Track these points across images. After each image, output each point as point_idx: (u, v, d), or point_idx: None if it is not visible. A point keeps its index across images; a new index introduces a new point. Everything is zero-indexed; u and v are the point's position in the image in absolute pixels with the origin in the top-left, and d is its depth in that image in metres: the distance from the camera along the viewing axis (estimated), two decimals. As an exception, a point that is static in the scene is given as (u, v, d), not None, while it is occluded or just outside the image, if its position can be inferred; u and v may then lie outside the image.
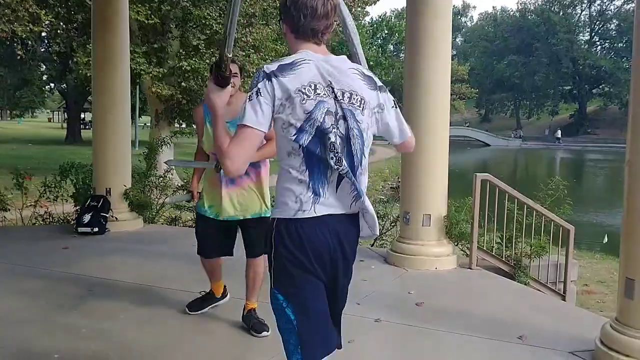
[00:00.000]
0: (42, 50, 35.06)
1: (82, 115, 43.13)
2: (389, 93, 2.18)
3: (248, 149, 1.99)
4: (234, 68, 3.53)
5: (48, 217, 7.90)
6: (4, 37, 18.24)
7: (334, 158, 2.00)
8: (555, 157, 47.25)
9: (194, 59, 18.78)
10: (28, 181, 7.82)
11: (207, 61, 19.10)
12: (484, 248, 5.73)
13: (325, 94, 2.00)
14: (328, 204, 2.04)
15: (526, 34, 73.48)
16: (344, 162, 2.01)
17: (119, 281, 4.85)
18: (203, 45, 19.29)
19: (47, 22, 18.81)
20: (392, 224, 7.36)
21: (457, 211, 5.74)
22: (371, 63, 47.19)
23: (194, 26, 19.70)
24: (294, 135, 1.97)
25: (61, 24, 19.78)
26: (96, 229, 6.66)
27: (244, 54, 20.67)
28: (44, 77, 41.85)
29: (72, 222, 7.25)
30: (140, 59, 17.56)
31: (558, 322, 4.20)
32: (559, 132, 63.82)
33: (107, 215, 6.83)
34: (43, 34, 22.58)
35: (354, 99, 2.05)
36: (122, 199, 7.09)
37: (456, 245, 5.88)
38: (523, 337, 3.79)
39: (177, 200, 7.36)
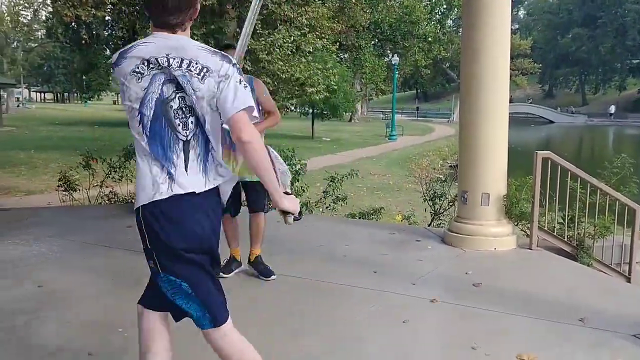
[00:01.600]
0: (106, 34, 36.10)
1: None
2: (239, 70, 2.18)
3: None
4: (231, 53, 4.01)
5: (113, 196, 8.18)
6: (69, 21, 18.81)
7: (180, 124, 2.11)
8: (621, 134, 45.32)
9: (250, 39, 18.91)
10: (94, 162, 8.10)
11: (263, 42, 19.18)
12: (545, 228, 5.58)
13: (160, 66, 2.09)
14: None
15: (591, 6, 70.38)
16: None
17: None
18: (260, 25, 19.36)
19: (109, 6, 19.31)
20: (450, 204, 7.27)
21: (518, 190, 5.60)
22: (429, 39, 46.29)
23: (251, 7, 19.78)
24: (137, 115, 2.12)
25: (123, 7, 20.23)
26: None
27: (299, 33, 20.65)
28: (108, 61, 43.08)
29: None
30: (199, 40, 17.81)
31: (621, 304, 4.07)
32: (612, 107, 61.32)
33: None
34: (106, 18, 23.20)
35: (193, 66, 2.09)
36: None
37: (516, 225, 5.75)
38: (584, 319, 3.69)
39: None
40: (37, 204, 8.96)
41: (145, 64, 2.09)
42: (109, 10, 19.56)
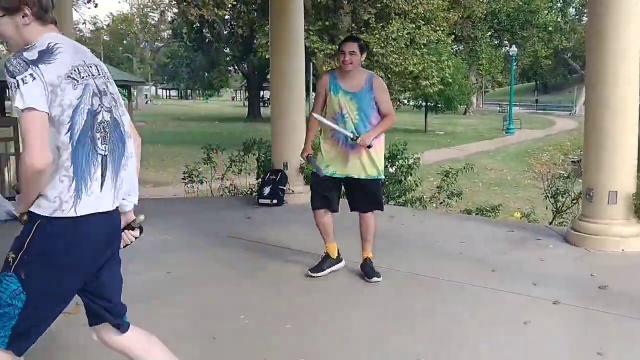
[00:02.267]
0: (226, 33, 37.59)
1: (262, 94, 45.66)
2: None
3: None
4: (352, 47, 4.03)
5: (233, 189, 8.55)
6: (193, 21, 19.77)
7: (100, 138, 2.02)
8: None
9: (364, 34, 18.91)
10: (216, 156, 8.51)
11: (377, 35, 19.16)
12: (682, 229, 5.16)
13: (87, 75, 2.00)
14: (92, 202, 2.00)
15: None
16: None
17: (295, 250, 5.13)
18: (374, 19, 19.35)
19: (229, 5, 20.07)
20: (574, 201, 6.91)
21: (649, 188, 5.22)
22: (550, 29, 44.04)
23: (365, 1, 19.80)
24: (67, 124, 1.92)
25: (242, 6, 20.96)
26: (275, 201, 7.09)
27: (414, 25, 20.41)
28: (228, 59, 44.85)
29: (254, 194, 7.78)
30: (314, 36, 18.08)
31: None
32: None
33: (285, 188, 7.22)
34: (226, 17, 24.23)
35: (102, 71, 2.10)
36: (298, 173, 7.45)
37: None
38: None
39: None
40: (164, 195, 9.55)
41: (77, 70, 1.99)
42: (229, 9, 20.32)
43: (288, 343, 3.31)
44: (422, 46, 21.51)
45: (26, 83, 1.84)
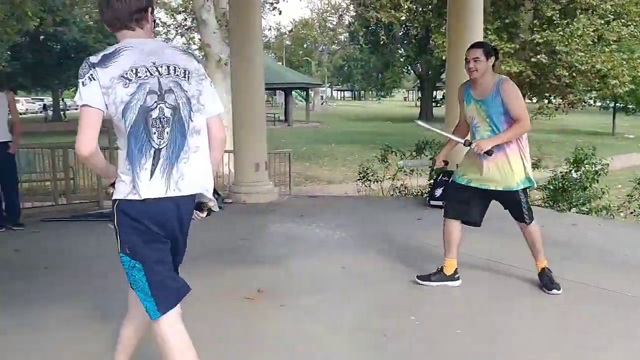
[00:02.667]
0: (401, 34, 37.80)
1: (434, 94, 45.18)
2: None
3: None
4: (476, 53, 3.88)
5: (404, 189, 8.60)
6: (370, 23, 20.13)
7: (156, 133, 2.22)
8: None
9: (546, 31, 17.91)
10: (391, 157, 8.62)
11: (560, 32, 18.03)
12: None
13: (147, 75, 2.21)
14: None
15: None
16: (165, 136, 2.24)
17: (467, 254, 5.00)
18: (558, 15, 18.26)
19: (406, 7, 20.17)
20: None
21: None
22: None
23: (552, -4, 18.73)
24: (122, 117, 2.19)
25: (418, 7, 20.96)
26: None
27: (602, 21, 18.92)
28: (402, 60, 45.02)
29: (425, 195, 7.75)
30: (492, 35, 17.51)
31: None
32: None
33: (457, 191, 7.09)
34: (402, 18, 24.35)
35: (176, 70, 2.28)
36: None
37: None
38: None
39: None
40: (337, 193, 9.88)
41: (134, 71, 2.22)
42: (405, 10, 20.41)
43: (460, 348, 3.26)
44: (612, 43, 19.84)
45: (85, 85, 2.18)
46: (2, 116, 6.08)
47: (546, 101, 21.30)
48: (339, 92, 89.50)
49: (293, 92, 38.35)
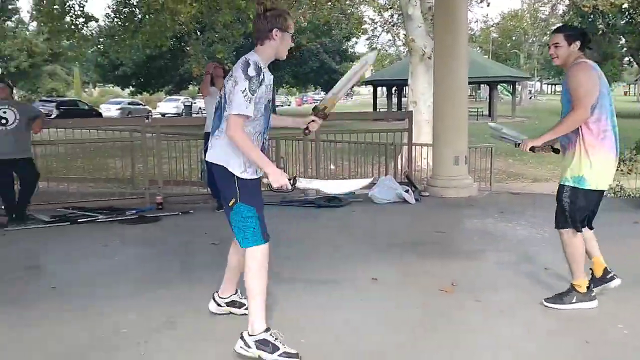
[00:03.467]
0: (623, 23, 34.41)
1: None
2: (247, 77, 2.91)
3: None
4: (556, 38, 3.59)
5: (619, 190, 7.90)
6: (587, 12, 18.66)
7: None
8: None
9: None
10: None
11: None
12: None
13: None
14: None
15: None
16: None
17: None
18: None
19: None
20: None
21: None
22: None
23: None
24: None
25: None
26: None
27: None
28: (623, 50, 41.04)
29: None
30: None
31: None
32: None
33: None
34: (624, 6, 22.10)
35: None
36: None
37: None
38: None
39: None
40: (541, 191, 9.34)
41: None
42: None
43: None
44: None
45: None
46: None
47: None
48: (549, 85, 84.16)
49: (498, 86, 36.92)
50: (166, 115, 35.13)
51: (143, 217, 6.49)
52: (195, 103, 42.40)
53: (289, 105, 53.71)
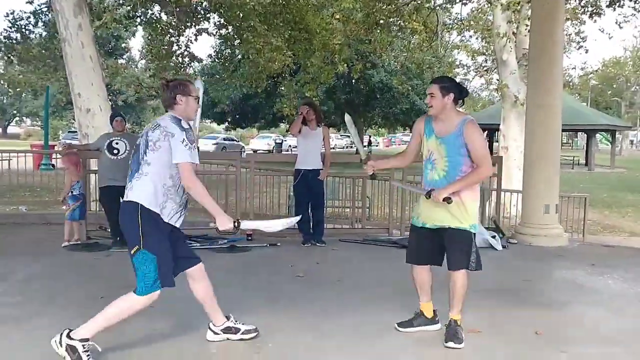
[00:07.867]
0: None
1: None
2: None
3: None
4: (431, 89, 3.74)
5: None
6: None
7: None
8: None
9: None
10: None
11: None
12: None
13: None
14: None
15: None
16: None
17: None
18: None
19: None
20: None
21: None
22: None
23: None
24: None
25: None
26: None
27: None
28: None
29: None
30: None
31: None
32: None
33: None
34: None
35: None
36: None
37: None
38: None
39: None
40: (639, 246, 8.90)
41: None
42: None
43: None
44: None
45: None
46: (317, 147, 7.06)
47: None
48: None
49: (597, 135, 35.50)
50: (258, 152, 36.44)
51: (234, 246, 6.80)
52: (285, 140, 43.67)
53: (376, 146, 53.88)
